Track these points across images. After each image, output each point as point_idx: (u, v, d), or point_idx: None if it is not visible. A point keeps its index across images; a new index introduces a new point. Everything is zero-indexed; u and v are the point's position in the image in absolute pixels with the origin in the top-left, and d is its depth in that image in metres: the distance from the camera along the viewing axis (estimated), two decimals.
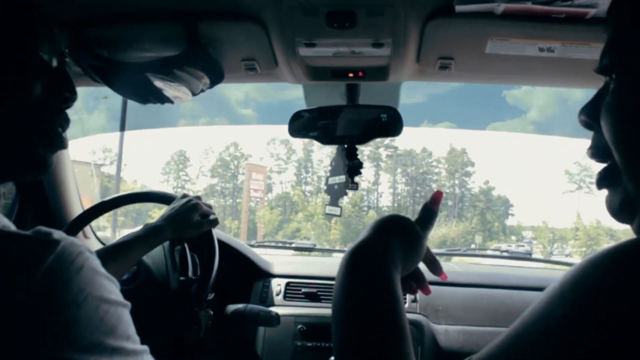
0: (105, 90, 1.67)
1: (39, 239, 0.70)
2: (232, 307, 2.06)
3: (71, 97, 0.93)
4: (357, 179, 1.89)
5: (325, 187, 1.92)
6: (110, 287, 0.74)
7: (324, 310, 2.23)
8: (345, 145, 1.85)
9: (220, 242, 2.00)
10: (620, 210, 0.70)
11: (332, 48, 1.49)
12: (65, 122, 0.94)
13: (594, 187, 0.97)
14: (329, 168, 1.91)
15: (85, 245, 0.73)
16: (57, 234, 0.71)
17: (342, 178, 1.88)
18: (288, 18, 1.35)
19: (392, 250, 0.87)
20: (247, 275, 2.37)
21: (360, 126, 1.81)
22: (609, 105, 0.68)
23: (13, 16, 0.85)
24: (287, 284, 2.33)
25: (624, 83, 0.67)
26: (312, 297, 2.28)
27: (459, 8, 1.27)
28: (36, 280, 0.65)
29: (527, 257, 2.81)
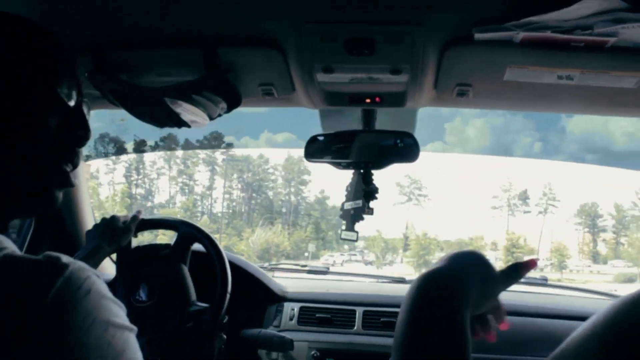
0: (122, 112, 1.68)
1: (48, 263, 0.71)
2: (246, 332, 2.05)
3: (85, 136, 0.93)
4: (372, 204, 1.88)
5: (340, 213, 1.91)
6: (117, 312, 0.74)
7: (338, 336, 2.21)
8: (362, 170, 1.85)
9: (234, 265, 2.00)
10: None
11: (349, 74, 1.49)
12: (77, 159, 0.94)
13: (422, 199, 0.97)
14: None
15: (93, 270, 0.74)
16: (66, 258, 0.72)
17: (358, 203, 1.87)
18: (307, 44, 1.35)
19: (467, 287, 0.83)
20: (261, 299, 2.36)
21: (376, 151, 1.82)
22: None
23: (35, 52, 0.86)
24: (301, 309, 2.31)
25: None
26: (327, 323, 2.26)
27: (477, 36, 1.27)
28: (45, 303, 0.66)
29: (543, 283, 2.77)
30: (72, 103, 0.91)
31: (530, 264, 0.98)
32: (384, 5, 1.21)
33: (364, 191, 1.86)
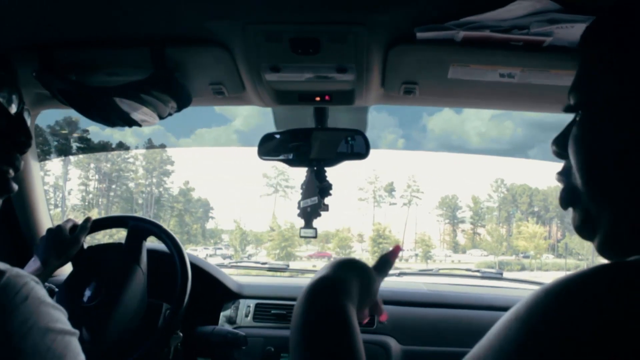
0: (74, 112, 1.67)
1: None
2: (200, 329, 2.05)
3: (26, 142, 0.94)
4: (327, 200, 1.90)
5: (298, 212, 1.93)
6: (57, 316, 0.74)
7: None
8: (315, 168, 1.87)
9: (190, 263, 2.00)
10: (583, 228, 0.76)
11: (297, 73, 1.51)
12: (18, 163, 0.94)
13: (289, 190, 1.03)
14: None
15: (31, 276, 0.74)
16: (3, 265, 0.72)
17: (314, 200, 1.89)
18: (253, 44, 1.36)
19: (349, 286, 0.91)
20: (217, 297, 2.36)
21: (329, 149, 1.84)
22: (575, 136, 0.75)
23: None
24: (257, 305, 2.32)
25: (588, 116, 0.74)
26: (282, 318, 2.28)
27: (420, 35, 1.30)
28: None
29: (498, 276, 2.82)
30: (12, 110, 0.92)
31: (396, 251, 1.15)
32: (326, 6, 1.23)
33: (318, 188, 1.88)
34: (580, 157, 0.74)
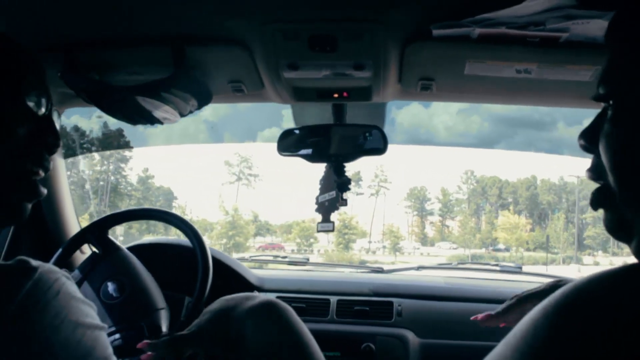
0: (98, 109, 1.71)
1: (17, 267, 0.73)
2: None
3: (55, 144, 0.94)
4: (345, 195, 1.92)
5: (316, 207, 1.95)
6: (87, 311, 0.77)
7: (312, 324, 2.21)
8: (334, 163, 1.89)
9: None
10: (618, 230, 0.71)
11: (314, 70, 1.53)
12: (48, 164, 0.95)
13: (252, 179, 1.02)
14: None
15: (62, 272, 0.77)
16: (35, 261, 0.74)
17: (332, 194, 1.91)
18: (271, 42, 1.38)
19: None
20: (238, 290, 2.38)
21: (347, 144, 1.86)
22: (607, 132, 0.69)
23: (2, 63, 0.86)
24: (277, 299, 2.33)
25: (621, 111, 0.68)
26: (301, 312, 2.29)
27: (436, 32, 1.31)
28: (14, 305, 0.68)
29: (517, 270, 2.81)
30: (41, 112, 0.92)
31: None
32: (343, 4, 1.25)
33: (337, 183, 1.90)
34: (612, 156, 0.68)
